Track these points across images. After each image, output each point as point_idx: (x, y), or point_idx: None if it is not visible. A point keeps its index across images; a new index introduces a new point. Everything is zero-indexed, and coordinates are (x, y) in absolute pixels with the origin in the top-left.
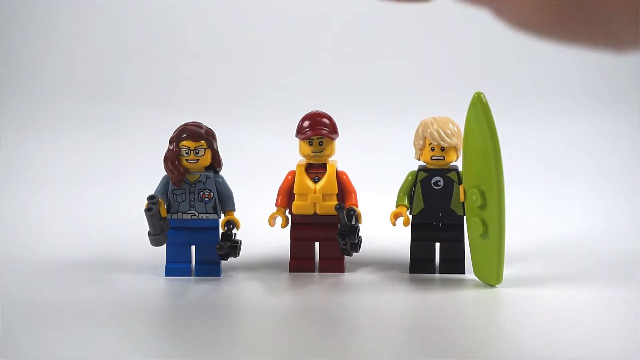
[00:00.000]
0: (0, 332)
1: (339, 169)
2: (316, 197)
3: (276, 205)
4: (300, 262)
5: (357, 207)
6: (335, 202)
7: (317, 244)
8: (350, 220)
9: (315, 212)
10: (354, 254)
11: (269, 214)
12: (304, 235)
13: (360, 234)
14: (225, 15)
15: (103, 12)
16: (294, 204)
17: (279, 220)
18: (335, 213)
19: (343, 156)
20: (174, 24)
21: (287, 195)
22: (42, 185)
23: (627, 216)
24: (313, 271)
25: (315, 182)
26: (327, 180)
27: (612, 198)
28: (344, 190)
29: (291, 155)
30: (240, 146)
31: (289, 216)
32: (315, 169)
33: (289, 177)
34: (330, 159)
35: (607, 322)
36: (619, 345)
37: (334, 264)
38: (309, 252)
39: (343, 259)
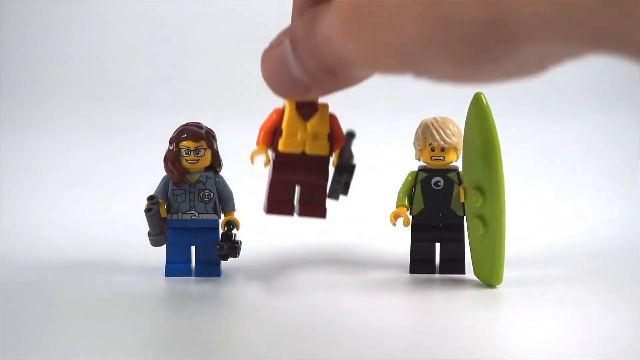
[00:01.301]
0: (0, 332)
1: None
2: (307, 134)
3: (258, 143)
4: (279, 204)
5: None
6: (326, 143)
7: (297, 188)
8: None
9: (303, 152)
10: (340, 197)
11: (251, 152)
12: (286, 177)
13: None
14: (225, 16)
15: (103, 13)
16: (281, 140)
17: (261, 158)
18: (323, 154)
19: None
20: (174, 24)
21: (271, 133)
22: (42, 185)
23: (627, 216)
24: (292, 214)
25: (305, 119)
26: (319, 118)
27: (612, 198)
28: (334, 134)
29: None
30: (241, 146)
31: (272, 155)
32: (304, 108)
33: (274, 115)
34: (320, 100)
35: (607, 322)
36: (619, 345)
37: (315, 208)
38: (289, 196)
39: (325, 203)
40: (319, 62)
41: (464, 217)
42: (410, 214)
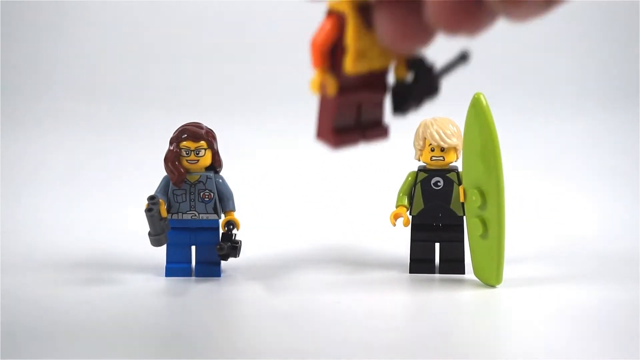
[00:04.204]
0: (0, 332)
1: None
2: (374, 50)
3: (316, 65)
4: (345, 135)
5: None
6: (390, 51)
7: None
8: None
9: (370, 69)
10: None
11: (311, 80)
12: (350, 100)
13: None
14: (225, 15)
15: (103, 13)
16: (349, 59)
17: (327, 84)
18: (388, 64)
19: (343, 157)
20: (174, 23)
21: (329, 52)
22: (41, 185)
23: (627, 216)
24: (358, 143)
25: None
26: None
27: (612, 198)
28: None
29: (292, 155)
30: (241, 146)
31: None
32: (368, 14)
33: (328, 25)
34: None
35: (607, 322)
36: (619, 345)
37: (379, 130)
38: (351, 119)
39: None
40: None
41: (464, 217)
42: (410, 214)
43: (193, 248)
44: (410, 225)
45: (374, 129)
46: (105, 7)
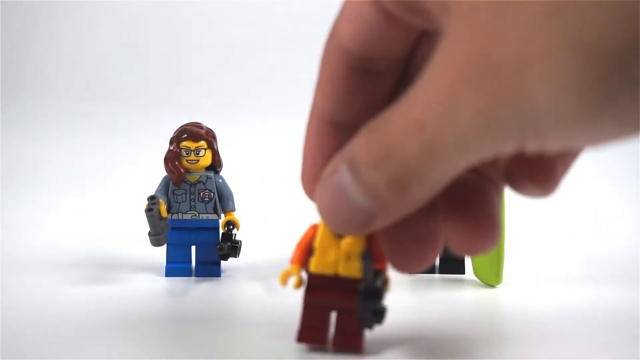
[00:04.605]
0: (0, 332)
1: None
2: (341, 254)
3: (292, 261)
4: (311, 332)
5: (385, 272)
6: (359, 264)
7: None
8: (375, 279)
9: (336, 274)
10: (375, 327)
11: (281, 272)
12: (319, 301)
13: (384, 305)
14: (226, 16)
15: (102, 13)
16: (313, 260)
17: (292, 279)
18: (357, 276)
19: None
20: (173, 25)
21: (306, 252)
22: (41, 186)
23: (627, 217)
24: (324, 344)
25: (340, 237)
26: (354, 236)
27: (612, 198)
28: (374, 254)
29: (292, 155)
30: (241, 146)
31: (304, 276)
32: None
33: (312, 231)
34: None
35: (607, 322)
36: (619, 346)
37: (351, 338)
38: (323, 323)
39: (362, 334)
40: (388, 172)
41: None
42: None
43: (193, 248)
44: None
45: (346, 337)
46: (106, 8)
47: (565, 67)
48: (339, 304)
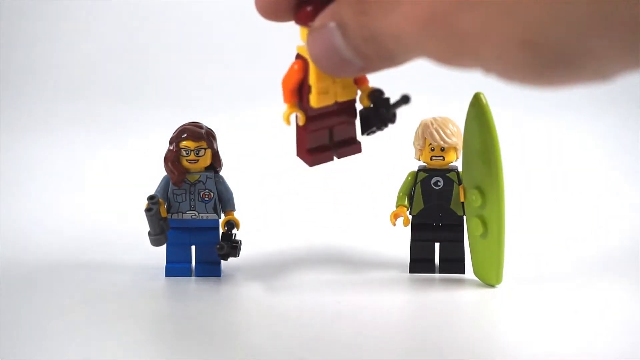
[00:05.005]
0: (0, 332)
1: None
2: (336, 86)
3: (286, 101)
4: (319, 153)
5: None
6: (353, 86)
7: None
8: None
9: (335, 101)
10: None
11: (283, 113)
12: (321, 126)
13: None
14: (226, 15)
15: (102, 13)
16: (312, 97)
17: (295, 116)
18: (352, 97)
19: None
20: (174, 23)
21: (297, 91)
22: (41, 185)
23: (627, 215)
24: (332, 159)
25: None
26: None
27: (613, 197)
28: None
29: (292, 155)
30: (241, 146)
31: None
32: None
33: (296, 67)
34: None
35: (607, 322)
36: (619, 346)
37: (351, 146)
38: (324, 140)
39: (357, 139)
40: (377, 49)
41: (464, 217)
42: (410, 214)
43: (193, 248)
44: (410, 225)
45: (347, 146)
46: (105, 8)
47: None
48: (338, 121)
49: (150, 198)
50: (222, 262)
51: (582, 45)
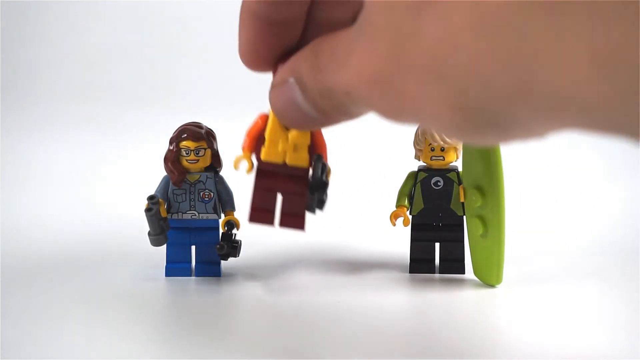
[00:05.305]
0: (0, 332)
1: None
2: (288, 145)
3: (243, 148)
4: (261, 213)
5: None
6: (305, 155)
7: (279, 196)
8: (322, 174)
9: (284, 162)
10: (317, 212)
11: (235, 157)
12: (268, 185)
13: (327, 195)
14: (226, 15)
15: (103, 14)
16: (263, 149)
17: (244, 164)
18: (303, 165)
19: (343, 156)
20: (173, 25)
21: (255, 139)
22: (41, 185)
23: (628, 215)
24: (272, 224)
25: (287, 130)
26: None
27: (613, 197)
28: (315, 143)
29: None
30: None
31: (255, 162)
32: None
33: (260, 121)
34: None
35: (607, 322)
36: (618, 345)
37: (295, 219)
38: (271, 204)
39: (304, 215)
40: (332, 104)
41: (464, 217)
42: (410, 214)
43: (193, 248)
44: (410, 225)
45: (291, 218)
46: (108, 9)
47: (449, 122)
48: (286, 188)
49: (150, 198)
50: (222, 262)
51: (508, 113)
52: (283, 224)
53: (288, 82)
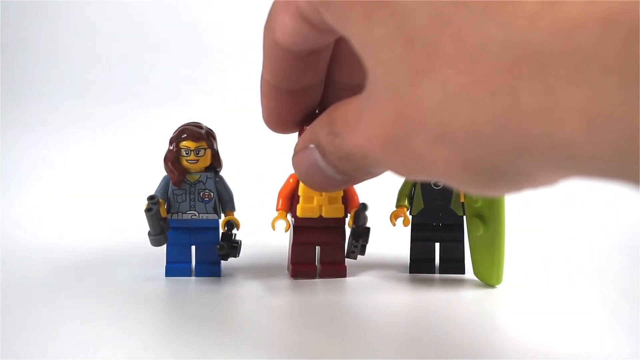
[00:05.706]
0: (0, 332)
1: None
2: (323, 199)
3: (277, 209)
4: (302, 267)
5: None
6: (340, 206)
7: (317, 248)
8: (364, 221)
9: (320, 215)
10: (358, 257)
11: (272, 218)
12: (306, 239)
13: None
14: (226, 15)
15: (103, 14)
16: (299, 206)
17: (282, 224)
18: (339, 216)
19: None
20: (173, 25)
21: (288, 199)
22: (41, 185)
23: (628, 215)
24: (315, 277)
25: None
26: None
27: (613, 197)
28: (347, 193)
29: (291, 154)
30: (241, 146)
31: (291, 220)
32: None
33: (291, 180)
34: None
35: (608, 322)
36: (618, 346)
37: (336, 268)
38: (310, 257)
39: (344, 262)
40: (352, 166)
41: (464, 217)
42: (410, 214)
43: (193, 248)
44: (410, 225)
45: (332, 267)
46: (107, 8)
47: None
48: (324, 239)
49: (150, 198)
50: (222, 262)
51: (513, 168)
52: (325, 274)
53: (308, 148)
